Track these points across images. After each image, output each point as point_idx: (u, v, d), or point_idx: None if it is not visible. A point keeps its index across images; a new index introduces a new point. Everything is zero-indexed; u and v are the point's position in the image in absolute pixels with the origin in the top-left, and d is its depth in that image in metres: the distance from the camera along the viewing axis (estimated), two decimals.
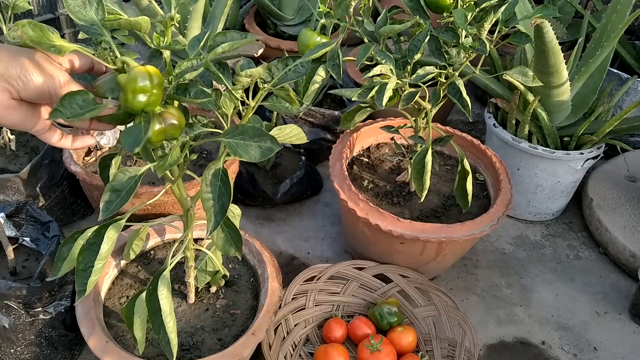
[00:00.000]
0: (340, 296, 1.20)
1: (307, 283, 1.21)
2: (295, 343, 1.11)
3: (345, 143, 1.32)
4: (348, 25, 1.10)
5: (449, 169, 1.40)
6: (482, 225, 1.16)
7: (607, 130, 1.37)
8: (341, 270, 1.23)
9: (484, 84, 1.54)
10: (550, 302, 1.35)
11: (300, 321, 1.15)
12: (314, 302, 1.18)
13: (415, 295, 1.20)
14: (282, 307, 1.15)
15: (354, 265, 1.24)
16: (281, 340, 1.10)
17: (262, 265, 1.07)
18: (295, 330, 1.13)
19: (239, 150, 0.67)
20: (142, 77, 0.60)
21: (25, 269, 1.05)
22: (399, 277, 1.22)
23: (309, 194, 1.57)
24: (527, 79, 1.07)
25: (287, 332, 1.12)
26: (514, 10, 1.02)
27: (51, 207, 1.32)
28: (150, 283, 0.78)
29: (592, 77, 1.45)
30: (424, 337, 1.13)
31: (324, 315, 1.18)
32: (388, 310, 1.13)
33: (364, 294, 1.21)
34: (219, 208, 0.71)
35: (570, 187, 1.52)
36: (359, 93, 1.08)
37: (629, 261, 1.40)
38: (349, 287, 1.22)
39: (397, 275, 1.22)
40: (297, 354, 1.10)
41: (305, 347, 1.12)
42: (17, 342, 0.98)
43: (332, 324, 1.13)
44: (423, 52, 1.05)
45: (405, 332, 1.10)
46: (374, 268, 1.24)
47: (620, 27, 1.32)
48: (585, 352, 1.24)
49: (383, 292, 1.21)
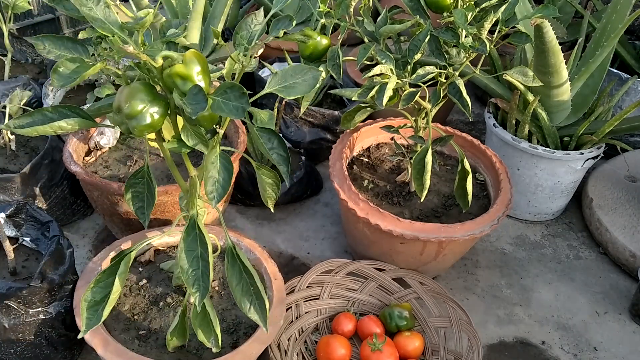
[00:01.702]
0: (357, 293, 1.21)
1: (324, 275, 1.21)
2: (302, 329, 1.13)
3: (345, 143, 1.32)
4: (348, 25, 1.10)
5: (449, 169, 1.40)
6: (482, 225, 1.16)
7: (607, 130, 1.37)
8: (361, 268, 1.23)
9: (484, 84, 1.53)
10: (550, 302, 1.35)
11: (312, 310, 1.16)
12: (329, 295, 1.19)
13: (431, 304, 1.19)
14: (295, 292, 1.16)
15: (374, 266, 1.24)
16: (288, 323, 1.11)
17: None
18: (305, 317, 1.14)
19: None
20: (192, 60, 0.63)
21: (25, 269, 1.05)
22: (418, 284, 1.21)
23: (309, 194, 1.57)
24: (527, 79, 1.07)
25: (295, 317, 1.13)
26: (514, 10, 1.02)
27: (51, 207, 1.32)
28: (230, 256, 0.80)
29: (592, 77, 1.45)
30: (432, 347, 1.13)
31: (337, 308, 1.19)
32: (398, 313, 1.12)
33: (381, 295, 1.21)
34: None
35: (570, 187, 1.52)
36: (359, 93, 1.08)
37: (629, 261, 1.40)
38: (367, 286, 1.22)
39: (416, 282, 1.22)
40: (302, 339, 1.11)
41: (313, 335, 1.14)
42: (17, 342, 0.98)
43: (342, 318, 1.14)
44: (423, 52, 1.05)
45: (412, 337, 1.10)
46: (393, 271, 1.24)
47: (620, 27, 1.32)
48: (585, 352, 1.24)
49: (400, 296, 1.20)
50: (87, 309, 0.78)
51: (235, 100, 0.65)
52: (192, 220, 0.78)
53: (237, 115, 0.64)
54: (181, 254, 0.77)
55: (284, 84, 0.73)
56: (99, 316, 0.78)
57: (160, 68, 0.65)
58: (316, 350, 1.09)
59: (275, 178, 0.83)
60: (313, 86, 0.73)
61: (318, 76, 0.73)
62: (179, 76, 0.64)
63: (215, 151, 0.74)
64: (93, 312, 0.78)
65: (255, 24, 0.77)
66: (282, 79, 0.74)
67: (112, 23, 0.66)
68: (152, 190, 0.88)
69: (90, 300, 0.78)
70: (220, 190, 0.74)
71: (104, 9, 0.66)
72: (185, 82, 0.64)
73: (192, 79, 0.64)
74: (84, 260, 1.33)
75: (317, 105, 1.67)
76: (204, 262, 0.76)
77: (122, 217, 1.19)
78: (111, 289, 0.78)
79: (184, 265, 0.76)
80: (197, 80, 0.64)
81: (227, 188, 0.74)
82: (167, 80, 0.65)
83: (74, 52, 0.68)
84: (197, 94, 0.62)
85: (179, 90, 0.64)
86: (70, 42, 0.68)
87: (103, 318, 0.78)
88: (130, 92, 0.65)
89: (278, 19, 0.77)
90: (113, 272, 0.79)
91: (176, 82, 0.64)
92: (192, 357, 0.95)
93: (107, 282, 0.78)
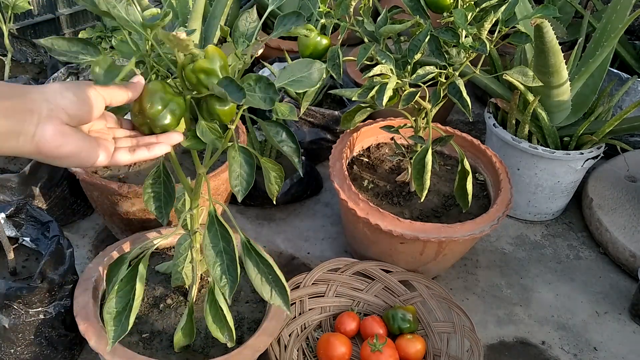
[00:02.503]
0: (363, 293, 1.21)
1: (330, 272, 1.21)
2: (305, 325, 1.13)
3: (345, 143, 1.32)
4: (348, 25, 1.10)
5: (449, 169, 1.40)
6: (482, 225, 1.16)
7: (607, 130, 1.37)
8: (368, 268, 1.23)
9: (484, 84, 1.53)
10: (550, 302, 1.35)
11: (317, 307, 1.17)
12: (334, 293, 1.19)
13: (436, 309, 1.18)
14: (300, 288, 1.16)
15: (381, 267, 1.24)
16: (291, 318, 1.11)
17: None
18: (309, 314, 1.15)
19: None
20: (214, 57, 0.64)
21: (25, 269, 1.05)
22: (424, 288, 1.21)
23: (309, 194, 1.57)
24: (527, 79, 1.07)
25: (299, 313, 1.13)
26: (514, 10, 1.02)
27: (51, 207, 1.32)
28: (246, 249, 0.81)
29: (592, 77, 1.45)
30: (434, 352, 1.12)
31: (342, 307, 1.19)
32: (402, 315, 1.12)
33: (387, 297, 1.21)
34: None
35: (570, 187, 1.52)
36: (359, 93, 1.08)
37: (629, 261, 1.40)
38: (373, 287, 1.22)
39: (422, 286, 1.22)
40: (304, 335, 1.11)
41: (315, 332, 1.14)
42: (17, 342, 0.98)
43: (346, 317, 1.14)
44: (423, 52, 1.05)
45: (413, 340, 1.09)
46: (400, 274, 1.24)
47: (620, 27, 1.32)
48: (585, 352, 1.24)
49: (405, 299, 1.20)
50: (113, 320, 0.78)
51: (263, 92, 0.66)
52: (211, 217, 0.79)
53: (267, 105, 0.65)
54: (206, 250, 0.77)
55: (292, 78, 0.74)
56: (125, 326, 0.77)
57: (182, 65, 0.65)
58: (317, 348, 1.09)
59: (279, 171, 0.83)
60: (319, 79, 0.73)
61: (322, 69, 0.74)
62: (203, 71, 0.64)
63: (234, 146, 0.75)
64: (118, 322, 0.78)
65: (250, 22, 0.77)
66: (291, 73, 0.74)
67: (134, 21, 0.66)
68: (171, 189, 0.89)
69: (113, 311, 0.78)
70: (244, 183, 0.75)
71: (126, 7, 0.66)
72: (209, 76, 0.64)
73: (216, 74, 0.64)
74: (84, 260, 1.33)
75: (317, 105, 1.67)
76: (228, 255, 0.77)
77: (122, 217, 1.19)
78: (131, 296, 0.78)
79: (210, 261, 0.77)
80: (221, 75, 0.65)
81: (250, 182, 0.75)
82: (191, 76, 0.65)
83: (85, 51, 0.69)
84: (230, 84, 0.63)
85: (202, 85, 0.65)
86: (81, 43, 0.69)
87: (129, 327, 0.77)
88: (149, 93, 0.66)
89: (284, 15, 0.77)
90: (132, 278, 0.79)
91: (200, 78, 0.64)
92: (199, 355, 0.95)
93: (125, 290, 0.78)
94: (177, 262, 0.97)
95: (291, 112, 0.75)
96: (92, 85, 0.61)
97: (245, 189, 0.75)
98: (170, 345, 0.96)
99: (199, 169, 0.83)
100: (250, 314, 1.02)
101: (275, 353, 1.04)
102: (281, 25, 0.76)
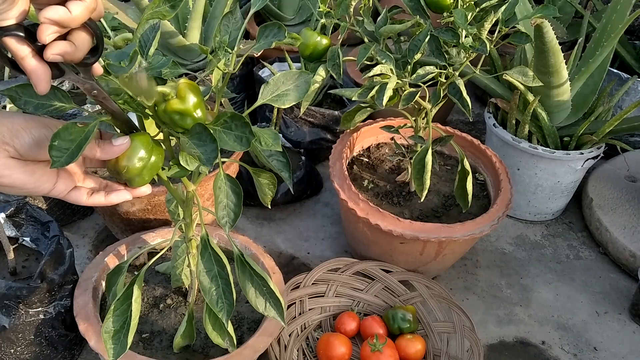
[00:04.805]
0: (363, 293, 1.21)
1: (330, 272, 1.21)
2: (305, 325, 1.13)
3: (345, 143, 1.32)
4: (348, 25, 1.10)
5: (449, 169, 1.40)
6: (482, 225, 1.16)
7: (607, 130, 1.37)
8: (368, 268, 1.23)
9: (484, 84, 1.53)
10: (550, 302, 1.35)
11: (317, 307, 1.17)
12: (334, 293, 1.19)
13: (436, 309, 1.18)
14: (300, 288, 1.16)
15: (381, 267, 1.24)
16: (291, 318, 1.11)
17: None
18: (308, 314, 1.15)
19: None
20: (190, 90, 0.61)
21: (25, 269, 1.05)
22: (424, 288, 1.21)
23: (309, 194, 1.57)
24: (527, 79, 1.07)
25: (299, 313, 1.13)
26: (514, 10, 1.02)
27: (51, 207, 1.32)
28: (240, 263, 0.81)
29: (592, 77, 1.45)
30: (434, 352, 1.12)
31: (342, 307, 1.19)
32: (402, 315, 1.12)
33: (387, 297, 1.21)
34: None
35: (570, 187, 1.52)
36: (359, 93, 1.08)
37: (629, 261, 1.40)
38: (373, 287, 1.22)
39: (423, 286, 1.21)
40: (304, 335, 1.11)
41: (315, 332, 1.14)
42: (17, 342, 0.98)
43: (346, 317, 1.14)
44: (423, 52, 1.05)
45: (413, 340, 1.09)
46: (400, 273, 1.24)
47: (620, 27, 1.32)
48: (585, 352, 1.24)
49: (405, 299, 1.20)
50: (111, 339, 0.77)
51: (237, 130, 0.62)
52: (204, 242, 0.78)
53: (241, 146, 0.62)
54: (200, 276, 0.77)
55: (276, 92, 0.71)
56: (124, 344, 0.76)
57: (153, 105, 0.61)
58: (317, 348, 1.09)
59: (271, 178, 0.82)
60: (306, 91, 0.70)
61: (310, 80, 0.71)
62: (176, 112, 0.61)
63: (220, 175, 0.72)
64: (117, 341, 0.77)
65: (233, 22, 0.73)
66: (274, 87, 0.71)
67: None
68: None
69: (111, 330, 0.77)
70: (232, 215, 0.73)
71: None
72: (183, 117, 0.61)
73: (190, 113, 0.61)
74: (84, 260, 1.33)
75: (317, 105, 1.67)
76: (223, 279, 0.77)
77: (122, 217, 1.19)
78: (129, 314, 0.77)
79: (205, 287, 0.76)
80: (196, 114, 0.61)
81: (238, 213, 0.73)
82: (164, 117, 0.61)
83: (53, 99, 0.64)
84: (201, 133, 0.59)
85: (177, 125, 0.62)
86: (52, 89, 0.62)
87: (128, 345, 0.76)
88: (129, 149, 0.61)
89: (265, 26, 0.72)
90: (128, 298, 0.78)
91: (174, 119, 0.61)
92: (199, 355, 0.95)
93: (121, 309, 0.78)
94: (176, 265, 0.98)
95: (275, 141, 0.71)
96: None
97: (233, 220, 0.73)
98: (170, 346, 0.96)
99: (188, 186, 0.81)
100: (250, 314, 1.02)
101: (275, 353, 1.04)
102: (262, 37, 0.71)
